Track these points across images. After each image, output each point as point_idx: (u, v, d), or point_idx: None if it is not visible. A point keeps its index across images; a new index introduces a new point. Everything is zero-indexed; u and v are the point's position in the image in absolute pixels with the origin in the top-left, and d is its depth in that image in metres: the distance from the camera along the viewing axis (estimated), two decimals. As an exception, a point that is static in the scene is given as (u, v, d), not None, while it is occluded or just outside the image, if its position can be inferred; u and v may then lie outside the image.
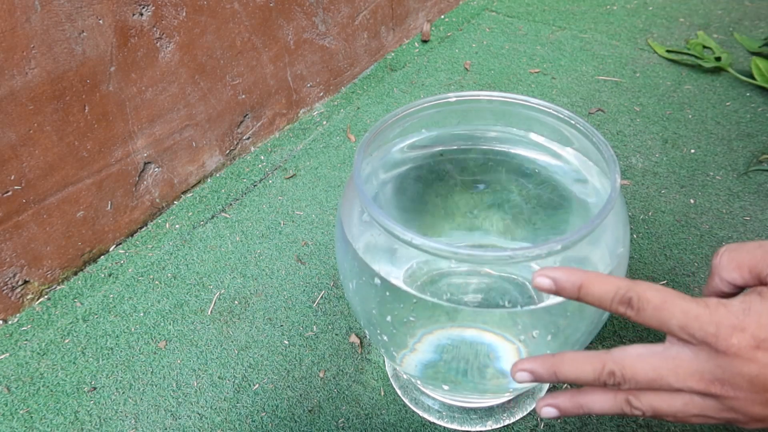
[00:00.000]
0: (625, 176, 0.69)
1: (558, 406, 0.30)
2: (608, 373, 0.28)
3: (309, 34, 0.79)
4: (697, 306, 0.26)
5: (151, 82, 0.62)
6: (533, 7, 1.07)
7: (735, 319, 0.26)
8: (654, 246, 0.60)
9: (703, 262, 0.58)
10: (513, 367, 0.30)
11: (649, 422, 0.46)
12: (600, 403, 0.29)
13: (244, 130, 0.76)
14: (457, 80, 0.89)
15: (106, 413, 0.49)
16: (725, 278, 0.30)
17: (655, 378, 0.27)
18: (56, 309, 0.59)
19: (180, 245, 0.65)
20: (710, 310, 0.26)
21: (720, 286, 0.30)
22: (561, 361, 0.29)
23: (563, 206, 0.44)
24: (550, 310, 0.35)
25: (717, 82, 0.83)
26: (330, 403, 0.49)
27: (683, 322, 0.26)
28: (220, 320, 0.56)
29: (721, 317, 0.26)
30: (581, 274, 0.28)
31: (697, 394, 0.27)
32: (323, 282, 0.59)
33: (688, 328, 0.26)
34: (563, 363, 0.29)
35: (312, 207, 0.68)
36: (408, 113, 0.41)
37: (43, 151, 0.55)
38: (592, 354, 0.29)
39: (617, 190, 0.33)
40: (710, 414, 0.28)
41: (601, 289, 0.28)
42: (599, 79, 0.86)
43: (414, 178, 0.46)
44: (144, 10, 0.59)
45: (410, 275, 0.41)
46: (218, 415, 0.49)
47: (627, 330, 0.52)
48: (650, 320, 0.27)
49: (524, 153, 0.45)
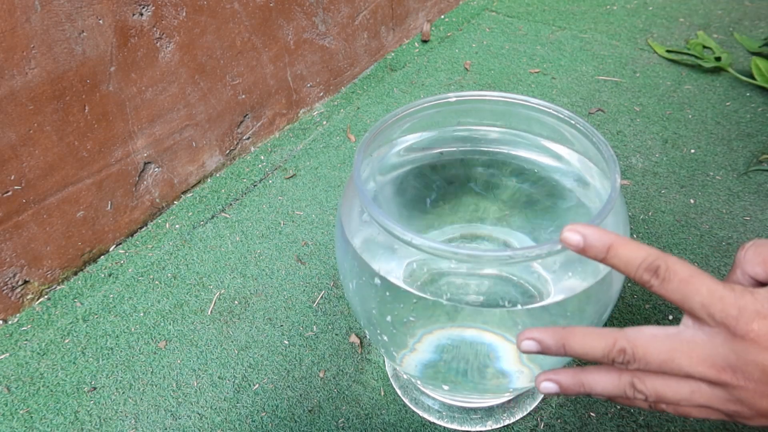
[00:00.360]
0: (625, 176, 0.69)
1: (559, 382, 0.29)
2: (619, 350, 0.27)
3: (309, 34, 0.79)
4: (724, 288, 0.26)
5: (151, 82, 0.62)
6: (533, 7, 1.07)
7: (760, 306, 0.25)
8: (654, 246, 0.60)
9: (703, 262, 0.58)
10: (520, 336, 0.29)
11: (649, 422, 0.46)
12: (603, 383, 0.29)
13: (244, 130, 0.76)
14: (457, 80, 0.89)
15: (106, 413, 0.49)
16: (748, 272, 0.29)
17: (667, 360, 0.27)
18: (56, 309, 0.59)
19: (180, 245, 0.65)
20: (736, 294, 0.26)
21: (741, 280, 0.30)
22: (571, 333, 0.28)
23: (563, 206, 0.44)
24: (549, 310, 0.35)
25: (717, 82, 0.83)
26: (330, 403, 0.49)
27: (707, 301, 0.26)
28: (220, 320, 0.56)
29: (746, 302, 0.25)
30: (612, 236, 0.28)
31: (706, 382, 0.27)
32: (323, 282, 0.59)
33: (710, 308, 0.26)
34: (573, 335, 0.28)
35: (312, 207, 0.68)
36: (408, 113, 0.41)
37: (43, 151, 0.55)
38: (605, 330, 0.28)
39: (617, 190, 0.33)
40: (715, 405, 0.27)
41: (630, 254, 0.27)
42: (599, 79, 0.86)
43: (414, 178, 0.46)
44: (144, 10, 0.59)
45: (410, 274, 0.41)
46: (218, 415, 0.49)
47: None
48: (673, 293, 0.27)
49: (524, 153, 0.45)
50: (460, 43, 0.98)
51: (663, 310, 0.54)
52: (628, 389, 0.28)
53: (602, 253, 0.28)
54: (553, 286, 0.37)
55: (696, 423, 0.46)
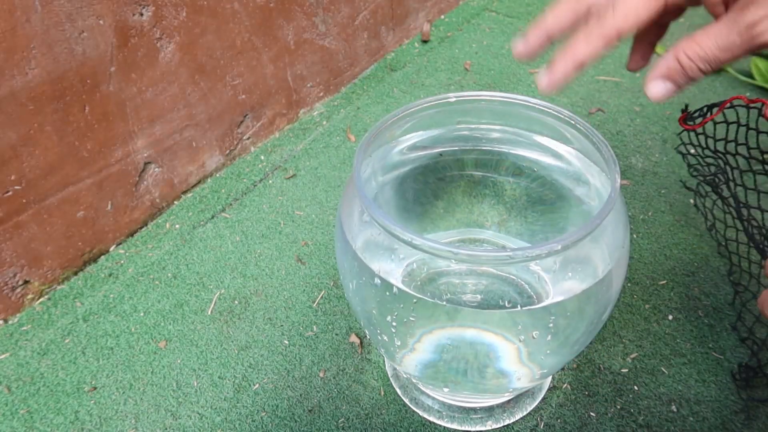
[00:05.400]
0: (625, 176, 0.69)
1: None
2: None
3: (309, 34, 0.79)
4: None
5: (151, 82, 0.62)
6: (533, 7, 1.07)
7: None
8: (654, 246, 0.60)
9: (703, 262, 0.58)
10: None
11: (649, 422, 0.46)
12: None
13: (244, 130, 0.76)
14: (457, 80, 0.89)
15: (107, 413, 0.49)
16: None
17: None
18: (56, 309, 0.59)
19: (180, 245, 0.65)
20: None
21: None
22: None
23: (563, 206, 0.44)
24: (549, 310, 0.35)
25: (717, 82, 0.83)
26: (330, 402, 0.49)
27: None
28: (220, 320, 0.56)
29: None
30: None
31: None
32: (323, 282, 0.59)
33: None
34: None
35: (312, 207, 0.68)
36: (408, 113, 0.41)
37: (44, 151, 0.55)
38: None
39: (617, 190, 0.33)
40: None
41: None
42: (599, 79, 0.86)
43: (414, 178, 0.46)
44: (144, 10, 0.59)
45: (409, 274, 0.42)
46: (218, 415, 0.49)
47: (627, 330, 0.52)
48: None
49: (524, 153, 0.45)
50: (460, 43, 0.98)
51: (663, 310, 0.54)
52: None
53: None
54: (552, 287, 0.37)
55: (696, 423, 0.46)
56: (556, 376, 0.50)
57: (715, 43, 0.29)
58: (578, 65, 0.32)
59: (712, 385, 0.48)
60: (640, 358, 0.50)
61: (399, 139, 0.44)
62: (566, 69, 0.32)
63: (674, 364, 0.50)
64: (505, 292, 0.44)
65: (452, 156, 0.46)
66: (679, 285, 0.56)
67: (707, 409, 0.46)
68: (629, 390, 0.48)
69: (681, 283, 0.56)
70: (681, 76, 0.31)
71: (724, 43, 0.29)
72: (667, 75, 0.31)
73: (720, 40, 0.29)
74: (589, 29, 0.31)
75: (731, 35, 0.29)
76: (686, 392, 0.48)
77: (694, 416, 0.46)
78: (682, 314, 0.53)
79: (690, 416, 0.46)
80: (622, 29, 0.31)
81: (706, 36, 0.29)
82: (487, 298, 0.44)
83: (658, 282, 0.56)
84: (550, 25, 0.34)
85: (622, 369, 0.50)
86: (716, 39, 0.29)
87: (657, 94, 0.31)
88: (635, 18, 0.30)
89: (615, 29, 0.31)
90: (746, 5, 0.28)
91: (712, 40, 0.29)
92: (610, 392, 0.48)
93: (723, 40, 0.29)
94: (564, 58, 0.32)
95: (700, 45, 0.30)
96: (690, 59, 0.30)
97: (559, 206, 0.44)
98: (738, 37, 0.28)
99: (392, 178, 0.45)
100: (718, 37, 0.29)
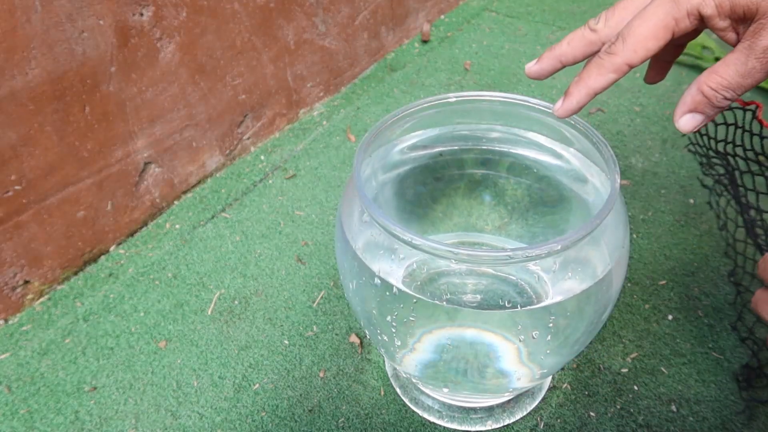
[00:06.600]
0: (625, 176, 0.69)
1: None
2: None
3: (309, 34, 0.79)
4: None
5: (151, 82, 0.62)
6: (533, 7, 1.07)
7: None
8: (654, 246, 0.60)
9: (703, 262, 0.58)
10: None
11: (649, 422, 0.46)
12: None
13: (244, 130, 0.76)
14: (457, 80, 0.89)
15: (107, 413, 0.49)
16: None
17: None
18: (56, 309, 0.59)
19: (180, 245, 0.65)
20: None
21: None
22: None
23: (563, 206, 0.44)
24: (549, 310, 0.35)
25: (717, 82, 0.83)
26: (330, 402, 0.49)
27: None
28: (220, 320, 0.56)
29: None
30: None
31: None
32: (323, 282, 0.59)
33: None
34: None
35: (312, 207, 0.68)
36: (408, 113, 0.41)
37: (44, 151, 0.55)
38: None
39: (617, 190, 0.33)
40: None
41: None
42: (599, 79, 0.85)
43: (414, 178, 0.46)
44: (144, 10, 0.59)
45: (409, 274, 0.42)
46: (218, 415, 0.49)
47: (627, 330, 0.52)
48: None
49: (524, 153, 0.45)
50: (460, 43, 0.98)
51: (663, 310, 0.54)
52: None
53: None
54: (552, 287, 0.37)
55: (696, 423, 0.46)
56: (556, 376, 0.50)
57: (735, 70, 0.30)
58: (592, 94, 0.34)
59: (712, 385, 0.48)
60: (639, 358, 0.50)
61: (399, 139, 0.44)
62: (580, 98, 0.34)
63: (674, 364, 0.50)
64: (505, 293, 0.44)
65: (452, 155, 0.46)
66: (679, 285, 0.56)
67: (707, 409, 0.46)
68: (629, 390, 0.48)
69: (681, 283, 0.56)
70: (708, 107, 0.32)
71: (744, 70, 0.30)
72: (695, 108, 0.32)
73: (739, 67, 0.30)
74: (601, 61, 0.33)
75: (749, 61, 0.30)
76: (686, 392, 0.48)
77: (694, 416, 0.46)
78: (682, 314, 0.53)
79: (690, 416, 0.46)
80: (632, 62, 0.32)
81: (725, 65, 0.31)
82: (487, 299, 0.44)
83: (658, 282, 0.57)
84: (564, 52, 0.36)
85: (621, 369, 0.50)
86: (736, 67, 0.30)
87: (688, 127, 0.33)
88: (644, 51, 0.32)
89: (625, 62, 0.32)
90: (758, 30, 0.29)
91: (732, 68, 0.30)
92: (610, 392, 0.48)
93: (742, 67, 0.30)
94: (578, 88, 0.34)
95: (720, 75, 0.31)
96: (713, 90, 0.31)
97: (560, 208, 0.44)
98: (757, 62, 0.30)
99: (392, 178, 0.45)
100: (738, 65, 0.30)
